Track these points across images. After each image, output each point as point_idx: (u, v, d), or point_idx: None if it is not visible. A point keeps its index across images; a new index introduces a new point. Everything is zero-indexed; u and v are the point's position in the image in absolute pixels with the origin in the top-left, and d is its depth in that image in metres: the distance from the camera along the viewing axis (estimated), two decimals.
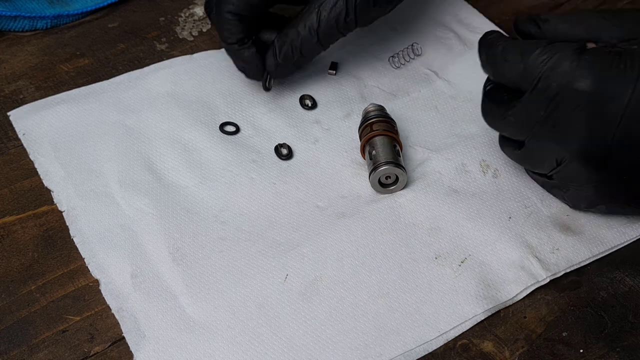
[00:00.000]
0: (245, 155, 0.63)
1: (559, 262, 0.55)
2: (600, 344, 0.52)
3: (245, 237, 0.57)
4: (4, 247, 0.57)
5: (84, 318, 0.53)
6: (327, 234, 0.57)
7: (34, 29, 0.74)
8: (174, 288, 0.54)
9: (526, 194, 0.59)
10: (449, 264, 0.55)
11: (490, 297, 0.54)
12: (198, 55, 0.71)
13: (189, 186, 0.61)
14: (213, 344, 0.51)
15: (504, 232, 0.57)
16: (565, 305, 0.54)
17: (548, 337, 0.52)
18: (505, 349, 0.52)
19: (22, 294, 0.54)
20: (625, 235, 0.57)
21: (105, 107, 0.66)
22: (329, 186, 0.61)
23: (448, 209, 0.59)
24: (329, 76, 0.69)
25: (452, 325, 0.52)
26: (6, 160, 0.63)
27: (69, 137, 0.64)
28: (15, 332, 0.52)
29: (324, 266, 0.55)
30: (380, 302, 0.53)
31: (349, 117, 0.66)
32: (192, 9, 0.76)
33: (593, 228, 0.57)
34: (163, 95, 0.67)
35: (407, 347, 0.51)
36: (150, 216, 0.58)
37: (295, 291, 0.54)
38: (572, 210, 0.58)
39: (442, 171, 0.61)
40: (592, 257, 0.56)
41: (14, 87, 0.69)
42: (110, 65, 0.71)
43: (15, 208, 0.60)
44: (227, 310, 0.53)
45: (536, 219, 0.58)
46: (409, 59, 0.70)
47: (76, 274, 0.56)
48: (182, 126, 0.65)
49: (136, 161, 0.62)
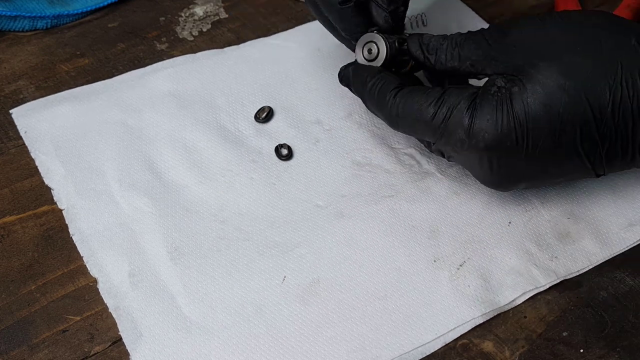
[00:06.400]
0: (245, 155, 0.63)
1: (558, 270, 0.55)
2: (600, 343, 0.52)
3: (244, 237, 0.57)
4: (4, 247, 0.57)
5: (84, 318, 0.53)
6: (326, 235, 0.57)
7: (34, 29, 0.74)
8: (171, 287, 0.54)
9: (527, 196, 0.59)
10: (447, 267, 0.55)
11: (489, 301, 0.54)
12: (200, 54, 0.71)
13: (188, 185, 0.61)
14: (209, 344, 0.51)
15: (504, 237, 0.57)
16: (565, 305, 0.54)
17: (548, 337, 0.52)
18: (506, 349, 0.52)
19: (22, 293, 0.54)
20: (626, 240, 0.57)
21: (107, 106, 0.66)
22: (329, 186, 0.61)
23: (448, 212, 0.59)
24: (330, 76, 0.69)
25: (449, 328, 0.52)
26: (6, 160, 0.63)
27: (70, 136, 0.64)
28: (15, 332, 0.52)
29: (322, 268, 0.55)
30: (378, 304, 0.53)
31: (350, 117, 0.66)
32: (192, 9, 0.76)
33: (593, 234, 0.57)
34: (164, 94, 0.67)
35: (404, 350, 0.51)
36: (149, 215, 0.58)
37: (292, 293, 0.54)
38: (573, 212, 0.58)
39: (442, 173, 0.61)
40: (591, 265, 0.56)
41: (14, 87, 0.69)
42: (110, 65, 0.71)
43: (15, 208, 0.60)
44: (224, 310, 0.53)
45: (536, 224, 0.58)
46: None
47: (76, 273, 0.56)
48: (183, 126, 0.65)
49: (136, 160, 0.62)
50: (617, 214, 0.59)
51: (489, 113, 0.52)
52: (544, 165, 0.54)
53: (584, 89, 0.51)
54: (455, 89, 0.54)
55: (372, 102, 0.58)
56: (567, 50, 0.52)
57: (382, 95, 0.57)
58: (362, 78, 0.58)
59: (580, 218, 0.58)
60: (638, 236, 0.57)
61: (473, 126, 0.53)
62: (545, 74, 0.51)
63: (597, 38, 0.52)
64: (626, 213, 0.59)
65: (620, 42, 0.52)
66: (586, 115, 0.51)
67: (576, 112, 0.51)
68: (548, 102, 0.51)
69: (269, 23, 0.75)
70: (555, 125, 0.51)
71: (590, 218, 0.58)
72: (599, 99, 0.51)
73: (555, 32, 0.53)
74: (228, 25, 0.75)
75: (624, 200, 0.59)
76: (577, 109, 0.51)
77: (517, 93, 0.52)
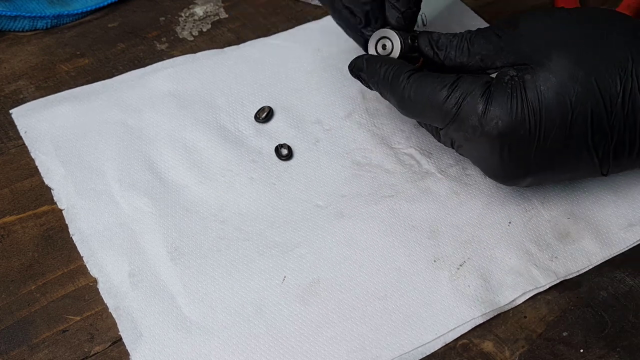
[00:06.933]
0: (245, 155, 0.63)
1: (558, 270, 0.55)
2: (600, 343, 0.52)
3: (244, 237, 0.57)
4: (4, 247, 0.57)
5: (84, 318, 0.53)
6: (326, 235, 0.57)
7: (34, 28, 0.74)
8: (171, 287, 0.54)
9: (527, 196, 0.59)
10: (447, 267, 0.55)
11: (489, 301, 0.54)
12: (200, 54, 0.71)
13: (188, 185, 0.61)
14: (209, 344, 0.51)
15: (504, 237, 0.57)
16: (565, 305, 0.54)
17: (548, 337, 0.52)
18: (506, 349, 0.52)
19: (22, 293, 0.54)
20: (626, 240, 0.57)
21: (107, 106, 0.66)
22: (329, 186, 0.61)
23: (448, 212, 0.59)
24: (330, 76, 0.69)
25: (449, 328, 0.52)
26: (6, 160, 0.63)
27: (70, 136, 0.64)
28: (15, 332, 0.52)
29: (322, 268, 0.55)
30: (378, 304, 0.53)
31: (350, 117, 0.66)
32: (192, 9, 0.76)
33: (593, 234, 0.57)
34: (164, 94, 0.67)
35: (404, 350, 0.51)
36: (149, 215, 0.58)
37: (292, 293, 0.54)
38: (573, 212, 0.58)
39: (442, 173, 0.61)
40: (591, 265, 0.56)
41: (14, 87, 0.69)
42: (110, 65, 0.71)
43: (15, 208, 0.60)
44: (224, 310, 0.53)
45: (536, 224, 0.58)
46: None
47: (76, 273, 0.56)
48: (183, 126, 0.65)
49: (136, 160, 0.62)
50: (617, 214, 0.59)
51: (503, 100, 0.52)
52: (553, 159, 0.54)
53: (596, 79, 0.51)
54: (469, 76, 0.54)
55: (385, 85, 0.58)
56: (579, 40, 0.53)
57: (395, 78, 0.57)
58: (377, 65, 0.59)
59: (580, 218, 0.58)
60: (638, 236, 0.57)
61: (487, 112, 0.52)
62: (557, 62, 0.52)
63: (608, 31, 0.53)
64: (626, 213, 0.59)
65: (631, 36, 0.53)
66: (598, 105, 0.51)
67: (588, 101, 0.51)
68: (560, 90, 0.51)
69: (269, 23, 0.75)
70: (567, 116, 0.52)
71: (590, 218, 0.58)
72: (610, 89, 0.51)
73: (565, 24, 0.53)
74: (228, 25, 0.75)
75: (624, 200, 0.59)
76: (589, 98, 0.51)
77: (530, 81, 0.52)
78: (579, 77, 0.51)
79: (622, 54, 0.52)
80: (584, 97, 0.51)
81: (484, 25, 0.73)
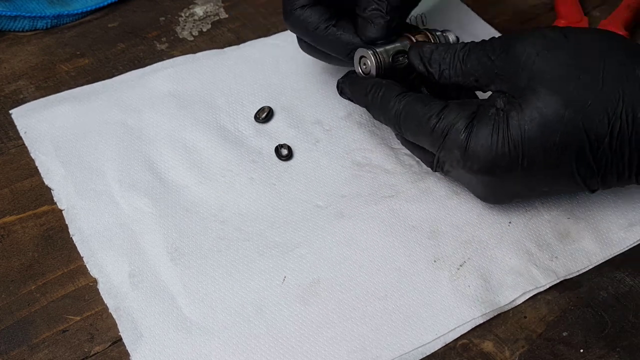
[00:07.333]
0: (245, 155, 0.63)
1: (558, 270, 0.55)
2: (600, 344, 0.52)
3: (244, 237, 0.57)
4: (4, 247, 0.57)
5: (84, 318, 0.53)
6: (326, 235, 0.57)
7: (34, 29, 0.74)
8: (171, 288, 0.54)
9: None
10: (447, 268, 0.55)
11: (489, 301, 0.54)
12: (200, 54, 0.71)
13: (188, 186, 0.61)
14: (210, 344, 0.51)
15: (504, 237, 0.57)
16: (565, 305, 0.54)
17: (548, 337, 0.52)
18: (506, 349, 0.52)
19: (22, 293, 0.54)
20: (626, 240, 0.57)
21: (107, 106, 0.66)
22: (329, 186, 0.61)
23: (448, 212, 0.59)
24: (329, 76, 0.69)
25: (449, 328, 0.52)
26: (6, 160, 0.63)
27: (70, 136, 0.64)
28: (15, 332, 0.52)
29: (322, 268, 0.55)
30: (378, 304, 0.53)
31: (350, 117, 0.66)
32: (192, 9, 0.76)
33: (593, 234, 0.57)
34: (164, 94, 0.67)
35: (404, 350, 0.51)
36: (149, 215, 0.58)
37: (293, 293, 0.54)
38: (573, 212, 0.58)
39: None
40: (591, 265, 0.56)
41: (14, 87, 0.69)
42: (110, 65, 0.71)
43: (15, 208, 0.60)
44: (225, 311, 0.53)
45: (536, 225, 0.58)
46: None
47: (76, 273, 0.56)
48: (182, 126, 0.65)
49: (136, 160, 0.62)
50: (617, 214, 0.59)
51: (485, 136, 0.52)
52: (538, 185, 0.54)
53: (583, 120, 0.51)
54: (456, 105, 0.54)
55: (375, 110, 0.58)
56: (569, 77, 0.51)
57: (385, 102, 0.57)
58: (362, 88, 0.59)
59: (580, 218, 0.58)
60: (638, 236, 0.57)
61: (468, 148, 0.53)
62: (545, 101, 0.51)
63: (602, 65, 0.51)
64: (626, 213, 0.59)
65: (625, 71, 0.51)
66: (583, 144, 0.51)
67: (573, 141, 0.51)
68: (545, 130, 0.51)
69: (269, 23, 0.75)
70: (551, 152, 0.51)
71: (590, 218, 0.58)
72: (597, 130, 0.51)
73: (558, 55, 0.52)
74: (228, 25, 0.75)
75: (624, 200, 0.59)
76: (574, 138, 0.51)
77: (515, 118, 0.52)
78: (565, 118, 0.51)
79: (613, 95, 0.51)
80: (568, 137, 0.51)
81: (483, 25, 0.73)
